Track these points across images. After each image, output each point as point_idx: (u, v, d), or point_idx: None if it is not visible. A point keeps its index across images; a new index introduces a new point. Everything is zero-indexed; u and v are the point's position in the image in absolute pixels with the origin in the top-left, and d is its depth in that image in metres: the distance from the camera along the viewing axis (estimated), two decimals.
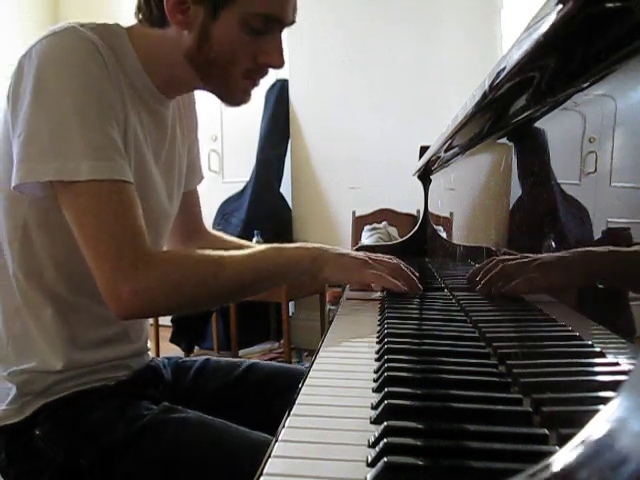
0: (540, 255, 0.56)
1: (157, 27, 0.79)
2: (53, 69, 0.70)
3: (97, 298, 0.81)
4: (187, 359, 1.03)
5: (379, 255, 0.93)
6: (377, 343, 0.65)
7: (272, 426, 0.72)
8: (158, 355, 3.15)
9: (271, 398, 0.91)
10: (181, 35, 0.78)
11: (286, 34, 0.85)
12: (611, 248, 0.40)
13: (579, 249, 0.47)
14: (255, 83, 0.83)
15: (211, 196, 3.57)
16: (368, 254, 0.91)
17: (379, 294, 0.95)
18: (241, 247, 0.96)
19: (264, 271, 0.82)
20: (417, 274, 0.94)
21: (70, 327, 0.80)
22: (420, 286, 0.91)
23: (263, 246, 0.84)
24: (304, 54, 3.37)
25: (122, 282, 0.70)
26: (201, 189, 1.12)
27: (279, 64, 0.81)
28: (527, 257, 0.59)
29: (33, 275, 0.79)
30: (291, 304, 3.21)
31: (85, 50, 0.72)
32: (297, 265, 0.84)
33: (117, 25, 0.81)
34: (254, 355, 3.23)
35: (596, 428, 0.18)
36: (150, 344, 0.98)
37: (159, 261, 0.73)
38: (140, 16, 0.81)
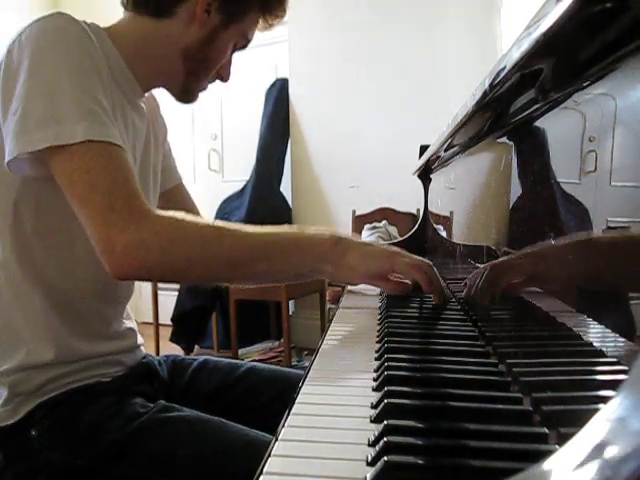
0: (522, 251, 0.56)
1: (157, 17, 0.84)
2: (49, 46, 0.72)
3: (91, 288, 0.82)
4: (185, 357, 1.03)
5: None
6: (377, 342, 0.65)
7: (267, 429, 0.72)
8: (158, 354, 3.16)
9: (267, 403, 0.91)
10: (187, 29, 0.84)
11: (286, 33, 0.89)
12: (596, 237, 0.40)
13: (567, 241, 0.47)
14: (206, 87, 0.93)
15: (211, 195, 3.57)
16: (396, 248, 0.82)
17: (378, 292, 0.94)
18: None
19: (279, 247, 0.75)
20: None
21: (60, 317, 0.80)
22: (447, 297, 0.80)
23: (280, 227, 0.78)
24: (304, 53, 3.37)
25: (115, 235, 0.67)
26: (201, 188, 1.13)
27: (227, 80, 0.93)
28: (511, 255, 0.60)
29: (26, 263, 0.78)
30: (291, 303, 3.21)
31: (77, 29, 0.75)
32: (318, 246, 0.75)
33: (93, 23, 0.83)
34: (254, 354, 3.23)
35: (596, 427, 0.18)
36: (142, 339, 0.97)
37: (156, 218, 0.70)
38: (136, 5, 0.85)
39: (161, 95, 1.05)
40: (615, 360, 0.39)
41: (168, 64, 0.87)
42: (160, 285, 3.18)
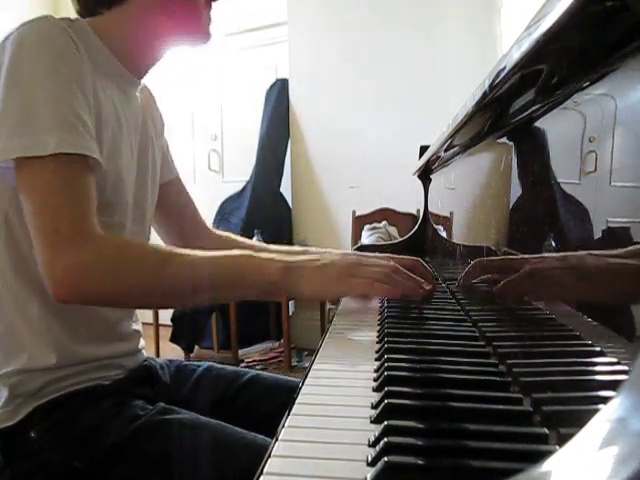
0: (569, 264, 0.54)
1: (120, 3, 0.82)
2: (27, 53, 0.71)
3: None
4: (189, 363, 1.02)
5: (375, 255, 0.83)
6: (377, 342, 0.65)
7: (268, 435, 0.72)
8: (158, 355, 3.15)
9: (269, 413, 0.90)
10: None
11: (286, 33, 0.87)
12: (617, 252, 0.40)
13: (597, 256, 0.47)
14: (210, 18, 0.89)
15: (211, 195, 3.57)
16: (360, 255, 0.81)
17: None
18: (251, 248, 0.95)
19: (224, 277, 0.74)
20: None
21: (60, 322, 0.80)
22: (427, 287, 0.78)
23: (238, 251, 0.78)
24: (304, 53, 3.37)
25: (56, 257, 0.66)
26: (201, 188, 1.12)
27: None
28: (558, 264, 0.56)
29: (22, 271, 0.78)
30: (291, 303, 3.21)
31: (58, 35, 0.73)
32: (265, 276, 0.74)
33: (77, 18, 0.82)
34: (254, 354, 3.23)
35: (596, 427, 0.18)
36: (144, 343, 0.97)
37: (99, 242, 0.69)
38: (96, 7, 0.83)
39: (160, 96, 1.05)
40: (615, 360, 0.39)
41: (160, 33, 0.85)
42: None
